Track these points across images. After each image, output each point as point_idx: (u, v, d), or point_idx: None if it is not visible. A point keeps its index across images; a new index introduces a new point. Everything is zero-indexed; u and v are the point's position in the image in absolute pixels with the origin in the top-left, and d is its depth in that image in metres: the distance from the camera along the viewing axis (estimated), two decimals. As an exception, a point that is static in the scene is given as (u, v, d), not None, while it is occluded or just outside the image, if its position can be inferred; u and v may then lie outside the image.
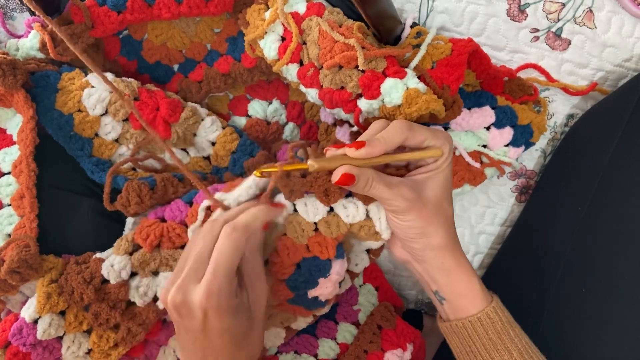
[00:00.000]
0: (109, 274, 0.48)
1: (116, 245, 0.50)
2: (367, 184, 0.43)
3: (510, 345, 0.45)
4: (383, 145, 0.43)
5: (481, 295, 0.46)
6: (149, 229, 0.49)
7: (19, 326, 0.46)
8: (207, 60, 0.59)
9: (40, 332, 0.46)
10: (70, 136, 0.53)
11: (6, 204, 0.51)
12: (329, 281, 0.49)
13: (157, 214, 0.51)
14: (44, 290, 0.47)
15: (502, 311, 0.46)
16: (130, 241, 0.49)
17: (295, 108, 0.61)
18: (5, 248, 0.47)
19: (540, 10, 0.57)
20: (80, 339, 0.49)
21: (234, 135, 0.57)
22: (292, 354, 0.57)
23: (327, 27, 0.48)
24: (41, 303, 0.46)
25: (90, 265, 0.49)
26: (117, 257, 0.49)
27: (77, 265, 0.49)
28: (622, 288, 0.48)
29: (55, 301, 0.47)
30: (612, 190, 0.51)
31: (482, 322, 0.45)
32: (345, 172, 0.42)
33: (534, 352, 0.45)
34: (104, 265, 0.48)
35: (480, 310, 0.45)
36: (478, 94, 0.55)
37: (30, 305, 0.47)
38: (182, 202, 0.51)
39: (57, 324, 0.47)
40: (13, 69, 0.49)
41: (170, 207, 0.51)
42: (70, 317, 0.48)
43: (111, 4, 0.52)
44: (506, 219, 0.66)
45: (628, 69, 0.58)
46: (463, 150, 0.56)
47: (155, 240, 0.49)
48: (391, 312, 0.60)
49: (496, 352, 0.45)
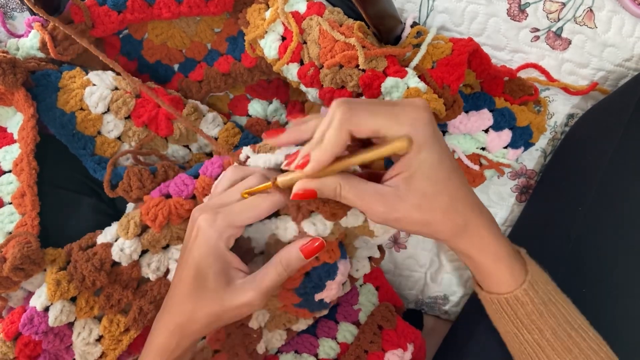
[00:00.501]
0: (120, 258, 0.48)
1: (122, 226, 0.49)
2: (335, 195, 0.39)
3: (543, 325, 0.42)
4: (328, 153, 0.37)
5: (508, 278, 0.42)
6: (156, 209, 0.48)
7: (30, 315, 0.46)
8: (207, 60, 0.60)
9: (52, 318, 0.46)
10: (72, 134, 0.53)
11: (7, 202, 0.51)
12: (335, 283, 0.49)
13: (161, 191, 0.50)
14: (53, 277, 0.47)
15: (534, 292, 0.42)
16: (138, 224, 0.49)
17: (295, 108, 0.61)
18: (5, 245, 0.48)
19: (541, 9, 0.57)
20: (91, 325, 0.49)
21: (235, 129, 0.57)
22: (292, 353, 0.57)
23: (327, 27, 0.48)
24: (52, 290, 0.47)
25: (97, 251, 0.48)
26: (126, 241, 0.48)
27: (82, 251, 0.49)
28: (622, 288, 0.48)
29: (65, 288, 0.47)
30: (613, 190, 0.51)
31: (509, 303, 0.43)
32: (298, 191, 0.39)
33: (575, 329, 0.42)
34: (114, 250, 0.48)
35: (509, 292, 0.42)
36: (476, 96, 0.55)
37: (40, 294, 0.47)
38: (186, 175, 0.50)
39: (68, 310, 0.47)
40: (13, 67, 0.49)
41: (175, 182, 0.49)
42: (81, 303, 0.48)
43: (111, 4, 0.52)
44: (506, 218, 0.66)
45: (628, 69, 0.58)
46: (461, 154, 0.56)
47: (164, 220, 0.48)
48: (392, 312, 0.60)
49: (526, 331, 0.43)
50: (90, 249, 0.49)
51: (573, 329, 0.42)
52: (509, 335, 0.45)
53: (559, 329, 0.42)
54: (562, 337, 0.42)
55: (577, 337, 0.42)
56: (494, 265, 0.42)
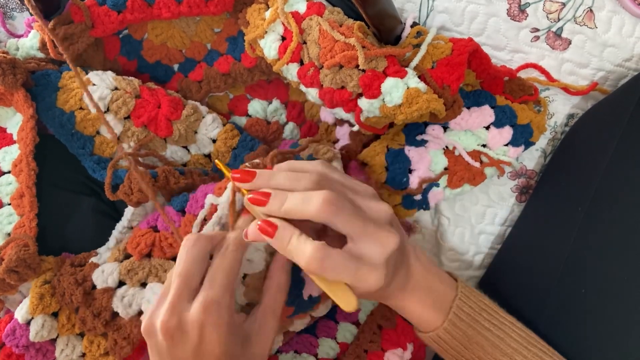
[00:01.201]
0: (97, 279, 0.48)
1: (112, 253, 0.50)
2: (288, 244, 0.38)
3: (470, 356, 0.46)
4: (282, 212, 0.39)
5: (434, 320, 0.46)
6: (140, 238, 0.49)
7: (12, 327, 0.46)
8: (207, 60, 0.59)
9: (33, 333, 0.46)
10: (71, 134, 0.53)
11: (6, 203, 0.51)
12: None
13: (149, 223, 0.51)
14: (37, 291, 0.47)
15: (456, 328, 0.46)
16: (122, 250, 0.49)
17: (295, 108, 0.61)
18: (4, 247, 0.47)
19: (541, 9, 0.57)
20: (74, 341, 0.48)
21: (234, 131, 0.57)
22: (291, 353, 0.57)
23: (327, 27, 0.48)
24: (34, 304, 0.46)
25: (84, 268, 0.48)
26: (107, 263, 0.48)
27: (72, 267, 0.49)
28: (623, 289, 0.48)
29: (47, 302, 0.46)
30: (613, 190, 0.51)
31: (436, 340, 0.47)
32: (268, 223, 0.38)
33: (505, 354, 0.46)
34: (96, 271, 0.48)
35: (432, 331, 0.47)
36: (477, 93, 0.55)
37: (23, 306, 0.47)
38: (174, 210, 0.50)
39: (49, 325, 0.47)
40: (13, 67, 0.49)
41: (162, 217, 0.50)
42: (62, 319, 0.47)
43: (111, 4, 0.52)
44: (506, 218, 0.66)
45: (628, 69, 0.58)
46: (462, 150, 0.56)
47: (145, 249, 0.48)
48: (391, 311, 0.60)
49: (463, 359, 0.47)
50: (79, 267, 0.49)
51: (504, 354, 0.46)
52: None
53: (486, 357, 0.46)
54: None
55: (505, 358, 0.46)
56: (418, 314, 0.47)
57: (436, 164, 0.55)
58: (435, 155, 0.55)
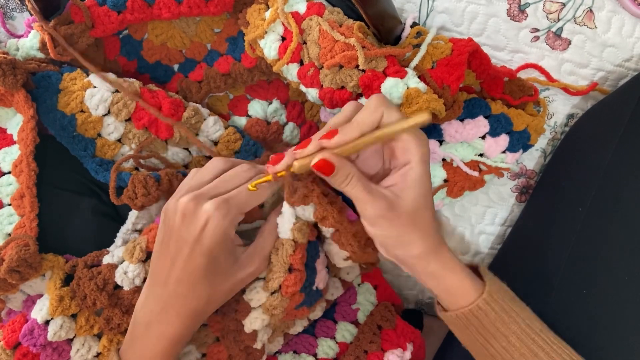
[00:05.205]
0: (122, 281, 0.48)
1: (128, 250, 0.49)
2: (346, 179, 0.42)
3: (507, 331, 0.45)
4: (357, 129, 0.41)
5: (471, 291, 0.46)
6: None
7: (30, 327, 0.46)
8: (207, 60, 0.59)
9: (51, 333, 0.46)
10: (73, 137, 0.53)
11: (6, 203, 0.51)
12: (320, 263, 0.50)
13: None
14: (57, 293, 0.47)
15: (494, 301, 0.45)
16: (144, 249, 0.49)
17: (295, 108, 0.61)
18: (5, 247, 0.47)
19: (541, 10, 0.57)
20: (90, 342, 0.49)
21: (237, 135, 0.57)
22: (290, 353, 0.57)
23: (327, 27, 0.48)
24: (54, 305, 0.47)
25: (102, 270, 0.49)
26: (130, 265, 0.48)
27: (87, 269, 0.49)
28: (623, 289, 0.48)
29: (67, 304, 0.47)
30: (613, 190, 0.51)
31: (474, 313, 0.46)
32: (324, 158, 0.41)
33: (537, 333, 0.45)
34: (117, 273, 0.48)
35: (471, 303, 0.45)
36: (471, 103, 0.54)
37: (42, 307, 0.47)
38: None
39: (68, 326, 0.47)
40: (13, 68, 0.49)
41: None
42: (81, 321, 0.48)
43: (111, 4, 0.52)
44: (506, 218, 0.66)
45: (628, 69, 0.58)
46: (460, 162, 0.56)
47: None
48: (391, 312, 0.60)
49: (494, 339, 0.45)
50: (95, 268, 0.49)
51: (535, 333, 0.45)
52: (478, 347, 0.47)
53: (523, 334, 0.45)
54: (527, 342, 0.45)
55: (540, 341, 0.45)
56: (457, 279, 0.46)
57: (434, 177, 0.56)
58: (432, 169, 0.55)
